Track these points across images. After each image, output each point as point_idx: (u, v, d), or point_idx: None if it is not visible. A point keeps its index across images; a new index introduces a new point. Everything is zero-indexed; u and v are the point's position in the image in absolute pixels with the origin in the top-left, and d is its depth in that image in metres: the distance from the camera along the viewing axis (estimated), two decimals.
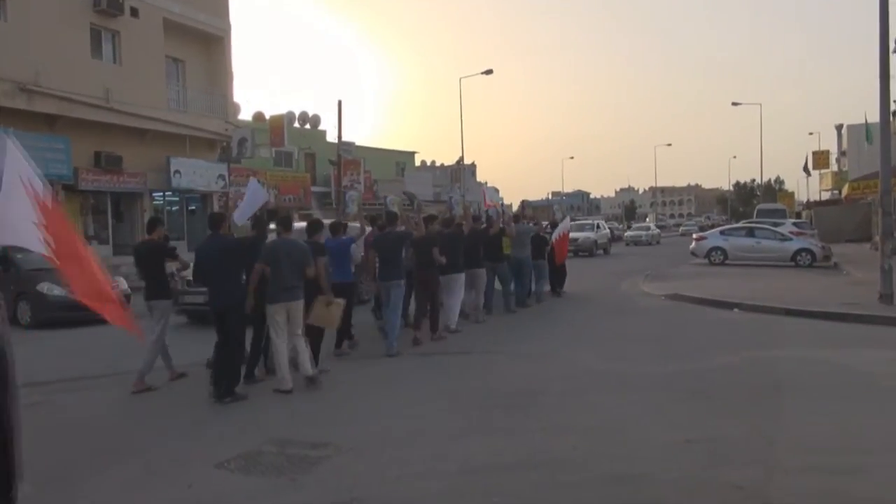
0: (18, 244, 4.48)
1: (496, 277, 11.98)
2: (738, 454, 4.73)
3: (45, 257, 4.53)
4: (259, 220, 7.59)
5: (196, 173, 23.68)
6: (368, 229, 9.83)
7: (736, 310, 12.02)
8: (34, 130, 18.41)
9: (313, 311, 7.21)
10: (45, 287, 11.92)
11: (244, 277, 6.96)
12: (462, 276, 10.32)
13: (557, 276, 14.74)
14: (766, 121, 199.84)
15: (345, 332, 8.64)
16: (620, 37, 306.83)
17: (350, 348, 8.84)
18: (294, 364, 6.98)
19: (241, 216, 8.24)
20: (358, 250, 9.07)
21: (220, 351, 6.72)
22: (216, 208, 25.70)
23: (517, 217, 13.75)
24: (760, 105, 55.03)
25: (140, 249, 7.68)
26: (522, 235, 12.58)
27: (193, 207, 25.74)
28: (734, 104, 49.51)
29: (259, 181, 11.94)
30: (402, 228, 9.54)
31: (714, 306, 12.58)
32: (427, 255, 9.27)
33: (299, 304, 6.94)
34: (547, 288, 14.15)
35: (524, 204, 16.93)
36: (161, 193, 23.74)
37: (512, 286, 12.30)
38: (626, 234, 43.61)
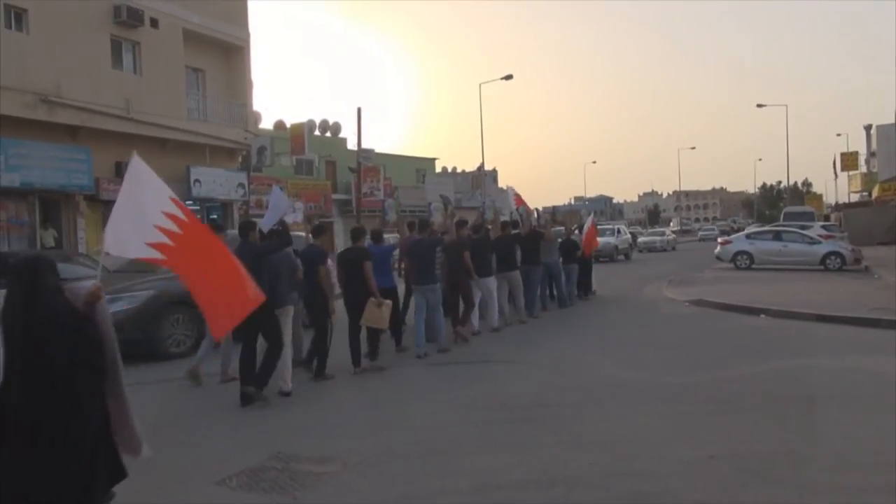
0: (119, 254, 4.56)
1: (531, 280, 12.04)
2: (766, 472, 4.44)
3: (148, 260, 4.63)
4: (283, 226, 7.57)
5: (216, 182, 23.75)
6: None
7: (763, 316, 11.64)
8: (56, 141, 18.60)
9: (366, 312, 7.77)
10: None
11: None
12: (492, 280, 10.57)
13: (584, 280, 14.86)
14: (792, 122, 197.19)
15: (394, 333, 9.15)
16: (642, 39, 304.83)
17: (398, 351, 9.18)
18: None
19: (266, 223, 8.22)
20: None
21: (247, 352, 6.79)
22: (236, 217, 25.83)
23: (552, 222, 14.34)
24: (786, 106, 54.28)
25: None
26: (553, 241, 12.94)
27: (215, 216, 25.85)
28: (759, 106, 48.87)
29: (281, 188, 12.01)
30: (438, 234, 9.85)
31: (740, 312, 12.20)
32: (457, 260, 9.57)
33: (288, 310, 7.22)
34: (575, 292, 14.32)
35: (554, 210, 17.00)
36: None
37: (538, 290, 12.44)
38: (639, 239, 39.35)
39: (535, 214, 14.62)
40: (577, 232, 15.06)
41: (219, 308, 4.74)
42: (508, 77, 39.98)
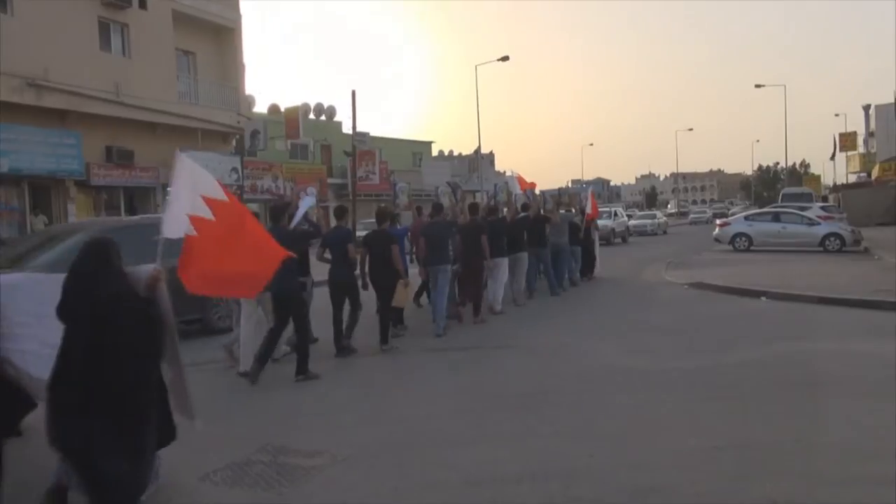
0: (172, 236, 4.72)
1: (539, 262, 12.47)
2: (772, 463, 4.26)
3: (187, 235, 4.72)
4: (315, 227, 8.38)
5: (208, 167, 23.09)
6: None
7: (764, 298, 11.46)
8: (45, 126, 18.27)
9: (396, 293, 8.17)
10: None
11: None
12: (506, 261, 10.85)
13: (587, 262, 15.08)
14: (791, 103, 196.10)
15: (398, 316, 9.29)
16: (639, 20, 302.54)
17: (401, 332, 9.22)
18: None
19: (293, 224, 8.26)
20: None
21: (273, 334, 7.03)
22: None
23: (556, 205, 14.28)
24: (784, 87, 53.27)
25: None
26: (562, 223, 13.18)
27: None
28: (757, 86, 48.62)
29: (312, 191, 12.33)
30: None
31: (740, 295, 12.02)
32: (474, 242, 9.77)
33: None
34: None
35: (560, 192, 17.23)
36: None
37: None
38: (628, 223, 36.04)
39: (543, 198, 14.86)
40: (578, 214, 15.05)
41: (245, 275, 5.06)
42: (505, 59, 39.40)
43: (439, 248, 9.31)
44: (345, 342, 8.02)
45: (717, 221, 25.37)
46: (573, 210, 14.93)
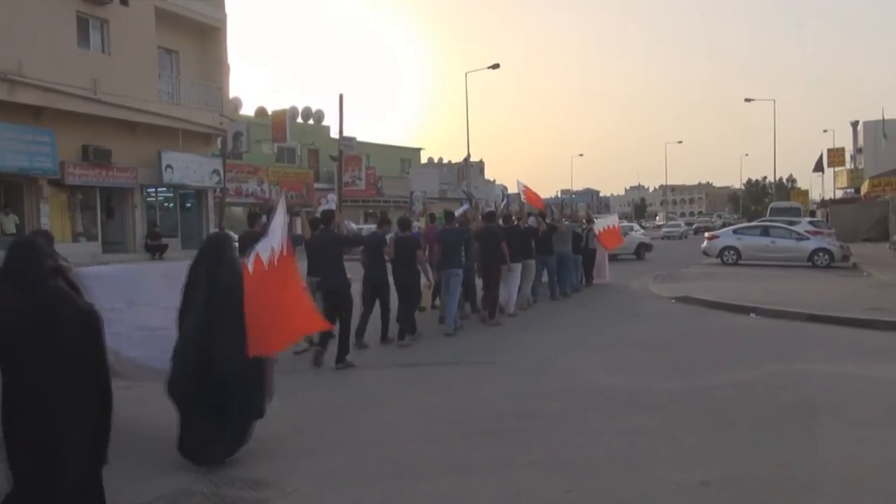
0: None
1: (545, 269, 13.07)
2: (767, 501, 3.86)
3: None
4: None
5: (189, 168, 22.92)
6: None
7: (753, 315, 11.10)
8: (19, 122, 17.72)
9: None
10: None
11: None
12: (519, 266, 11.34)
13: (587, 270, 15.75)
14: (780, 117, 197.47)
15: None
16: (630, 32, 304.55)
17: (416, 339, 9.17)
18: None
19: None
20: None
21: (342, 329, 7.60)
22: (211, 205, 25.01)
23: (561, 215, 15.03)
24: (774, 101, 53.70)
25: (245, 239, 8.10)
26: (566, 232, 13.79)
27: (189, 205, 24.99)
28: (747, 100, 48.42)
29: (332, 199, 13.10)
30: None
31: (728, 311, 11.65)
32: (492, 248, 10.30)
33: None
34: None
35: (562, 202, 18.11)
36: (153, 189, 22.98)
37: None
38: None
39: (549, 209, 15.54)
40: (583, 224, 16.01)
41: (269, 333, 4.81)
42: (495, 66, 39.18)
43: (452, 253, 9.74)
44: (383, 341, 8.82)
45: (706, 234, 25.08)
46: (577, 221, 15.85)
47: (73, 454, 3.24)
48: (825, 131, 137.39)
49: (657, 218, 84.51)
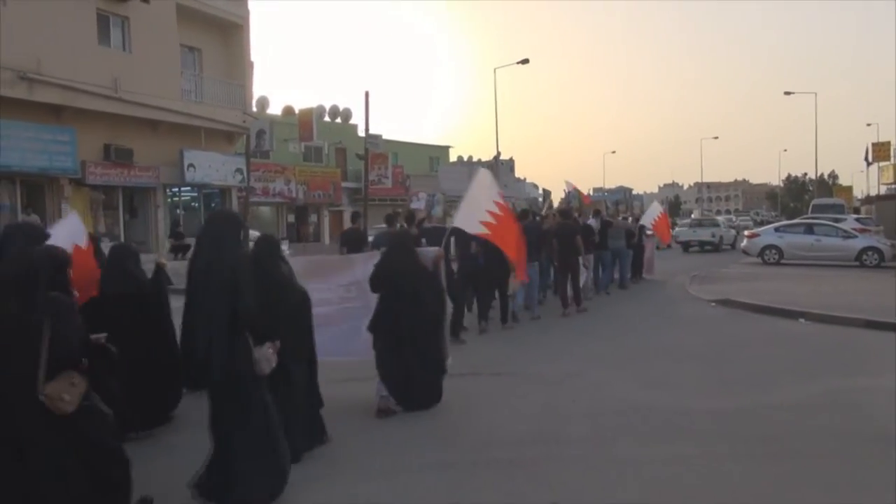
0: (464, 228, 7.31)
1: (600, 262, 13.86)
2: None
3: (478, 234, 7.44)
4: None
5: (211, 167, 22.58)
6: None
7: (802, 320, 10.20)
8: (40, 121, 17.50)
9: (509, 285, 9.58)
10: None
11: None
12: (591, 258, 12.39)
13: (636, 266, 16.08)
14: (821, 111, 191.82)
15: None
16: (664, 24, 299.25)
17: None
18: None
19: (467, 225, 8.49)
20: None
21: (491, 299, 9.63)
22: (235, 204, 24.67)
23: (616, 212, 16.51)
24: (815, 94, 51.46)
25: (348, 235, 10.20)
26: (620, 229, 14.52)
27: (214, 204, 24.69)
28: (786, 94, 46.64)
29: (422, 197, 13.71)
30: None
31: (774, 315, 10.76)
32: (569, 243, 11.15)
33: None
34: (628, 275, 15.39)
35: (617, 202, 18.46)
36: (175, 188, 22.70)
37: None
38: None
39: (605, 205, 16.99)
40: (630, 219, 16.50)
41: (518, 262, 7.94)
42: (524, 62, 38.27)
43: (529, 247, 9.98)
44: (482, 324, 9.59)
45: (746, 232, 23.94)
46: (629, 217, 16.51)
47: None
48: (869, 125, 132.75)
49: (692, 215, 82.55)
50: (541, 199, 17.73)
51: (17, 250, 3.79)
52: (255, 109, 31.16)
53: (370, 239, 11.50)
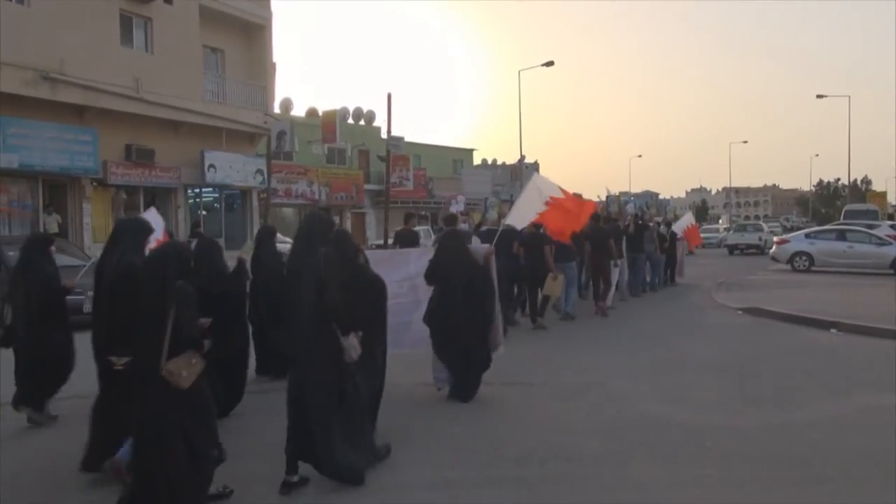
0: (515, 225, 8.26)
1: (637, 265, 14.13)
2: None
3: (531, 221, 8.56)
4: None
5: (232, 168, 22.57)
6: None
7: (834, 330, 9.73)
8: (62, 121, 17.60)
9: (547, 284, 9.94)
10: None
11: None
12: (623, 261, 12.78)
13: (669, 270, 16.57)
14: (854, 114, 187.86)
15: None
16: (692, 25, 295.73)
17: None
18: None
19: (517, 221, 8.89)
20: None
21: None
22: (256, 205, 24.67)
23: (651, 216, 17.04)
24: (849, 97, 50.13)
25: (401, 235, 10.90)
26: (651, 232, 14.79)
27: (235, 206, 24.71)
28: (819, 97, 45.54)
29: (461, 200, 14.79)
30: None
31: (804, 325, 10.30)
32: (602, 245, 11.57)
33: None
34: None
35: (647, 204, 18.56)
36: (196, 189, 22.74)
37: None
38: None
39: (643, 211, 17.31)
40: (661, 225, 16.81)
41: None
42: (549, 64, 37.83)
43: (564, 249, 10.50)
44: (539, 320, 10.17)
45: (775, 238, 23.30)
46: (660, 222, 16.91)
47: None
48: None
49: (720, 221, 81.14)
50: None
51: (131, 243, 4.47)
52: (278, 111, 31.27)
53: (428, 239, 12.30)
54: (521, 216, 7.84)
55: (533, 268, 9.98)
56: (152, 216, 6.31)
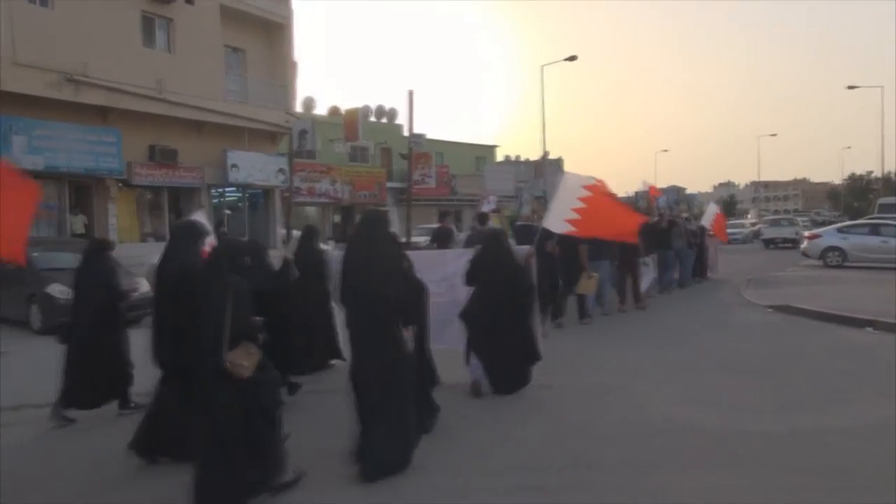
0: (552, 228, 7.90)
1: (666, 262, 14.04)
2: None
3: (565, 232, 7.94)
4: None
5: (254, 167, 22.60)
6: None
7: (869, 329, 9.36)
8: (87, 123, 17.75)
9: (580, 282, 9.98)
10: (55, 289, 10.67)
11: None
12: (654, 257, 13.07)
13: (699, 266, 16.25)
14: (888, 105, 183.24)
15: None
16: (717, 16, 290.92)
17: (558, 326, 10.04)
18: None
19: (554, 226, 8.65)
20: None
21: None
22: (278, 204, 24.71)
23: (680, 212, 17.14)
24: (882, 88, 48.86)
25: (438, 233, 11.53)
26: (680, 228, 14.67)
27: (258, 205, 24.78)
28: (850, 88, 44.48)
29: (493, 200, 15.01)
30: None
31: (838, 323, 9.92)
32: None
33: None
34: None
35: (678, 201, 18.26)
36: (219, 189, 22.83)
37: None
38: None
39: (669, 207, 17.08)
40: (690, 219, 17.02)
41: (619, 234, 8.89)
42: (572, 58, 37.36)
43: (597, 248, 10.62)
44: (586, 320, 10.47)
45: (806, 234, 22.71)
46: (689, 217, 16.90)
47: None
48: None
49: (748, 216, 79.76)
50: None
51: (186, 245, 4.75)
52: (300, 109, 31.32)
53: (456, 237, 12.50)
54: (555, 220, 7.78)
55: (566, 267, 9.98)
56: (201, 218, 6.41)
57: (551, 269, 9.69)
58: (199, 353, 3.81)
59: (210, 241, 5.31)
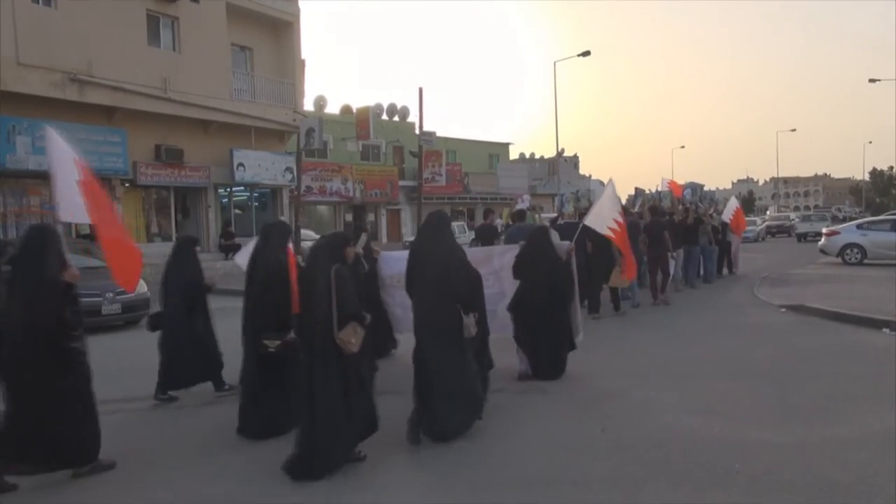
0: (595, 227, 8.28)
1: (692, 257, 14.31)
2: None
3: (607, 236, 8.53)
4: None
5: (261, 166, 22.48)
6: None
7: (886, 330, 8.94)
8: (92, 123, 17.68)
9: (612, 276, 10.47)
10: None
11: None
12: (681, 252, 13.36)
13: (721, 262, 16.52)
14: None
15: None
16: (733, 10, 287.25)
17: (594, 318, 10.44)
18: None
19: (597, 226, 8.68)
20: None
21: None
22: (286, 203, 24.59)
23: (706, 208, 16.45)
24: None
25: (482, 230, 11.90)
26: (706, 226, 14.87)
27: (267, 204, 24.67)
28: (871, 81, 43.46)
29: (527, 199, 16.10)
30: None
31: (854, 324, 9.50)
32: (659, 237, 12.07)
33: None
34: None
35: (701, 198, 17.88)
36: (226, 188, 22.72)
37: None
38: None
39: (697, 204, 16.51)
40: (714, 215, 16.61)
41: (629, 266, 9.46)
42: (586, 54, 36.86)
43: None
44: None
45: (824, 230, 22.14)
46: (713, 214, 16.63)
47: None
48: None
49: (768, 213, 78.60)
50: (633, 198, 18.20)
51: (279, 242, 5.40)
52: (312, 108, 31.16)
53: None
54: (598, 220, 8.20)
55: (599, 262, 10.58)
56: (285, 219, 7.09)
57: (588, 265, 10.30)
58: (309, 333, 4.29)
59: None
